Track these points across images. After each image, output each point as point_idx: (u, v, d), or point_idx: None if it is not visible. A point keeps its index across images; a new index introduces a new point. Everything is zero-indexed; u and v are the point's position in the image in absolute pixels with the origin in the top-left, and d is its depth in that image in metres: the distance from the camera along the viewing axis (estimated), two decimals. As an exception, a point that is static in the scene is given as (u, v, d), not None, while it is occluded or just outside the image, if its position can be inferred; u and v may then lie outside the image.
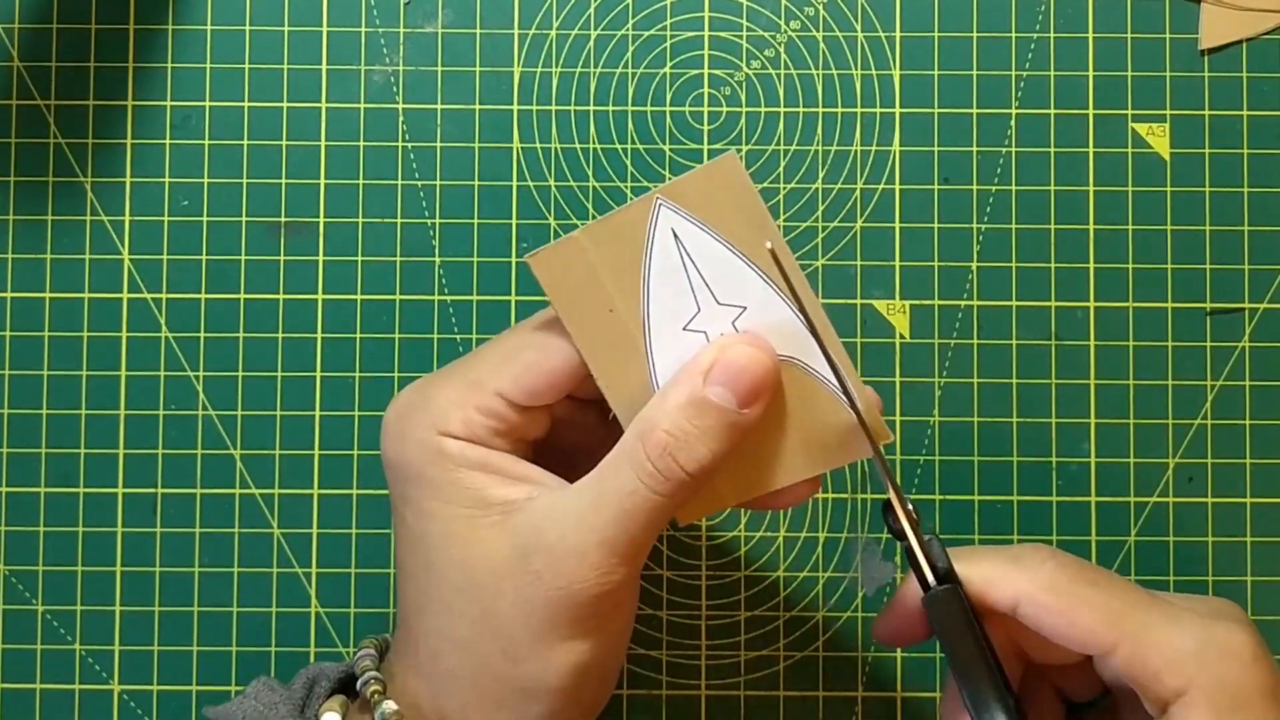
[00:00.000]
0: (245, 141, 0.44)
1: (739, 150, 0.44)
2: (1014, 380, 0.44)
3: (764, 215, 0.33)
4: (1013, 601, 0.34)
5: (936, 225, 0.44)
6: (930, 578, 0.34)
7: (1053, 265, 0.44)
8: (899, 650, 0.44)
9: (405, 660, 0.35)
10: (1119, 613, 0.33)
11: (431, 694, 0.34)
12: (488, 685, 0.33)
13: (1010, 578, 0.34)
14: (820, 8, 0.45)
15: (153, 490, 0.44)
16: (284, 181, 0.44)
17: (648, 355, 0.34)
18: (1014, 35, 0.44)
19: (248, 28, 0.45)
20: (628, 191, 0.44)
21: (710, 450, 0.32)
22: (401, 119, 0.44)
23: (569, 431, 0.36)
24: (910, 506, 0.34)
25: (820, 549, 0.44)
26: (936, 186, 0.44)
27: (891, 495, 0.34)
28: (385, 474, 0.35)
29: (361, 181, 0.44)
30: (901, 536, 0.34)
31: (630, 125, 0.44)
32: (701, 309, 0.34)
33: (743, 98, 0.45)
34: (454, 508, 0.33)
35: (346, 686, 0.38)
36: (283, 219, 0.44)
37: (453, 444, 0.33)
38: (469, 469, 0.33)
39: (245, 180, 0.44)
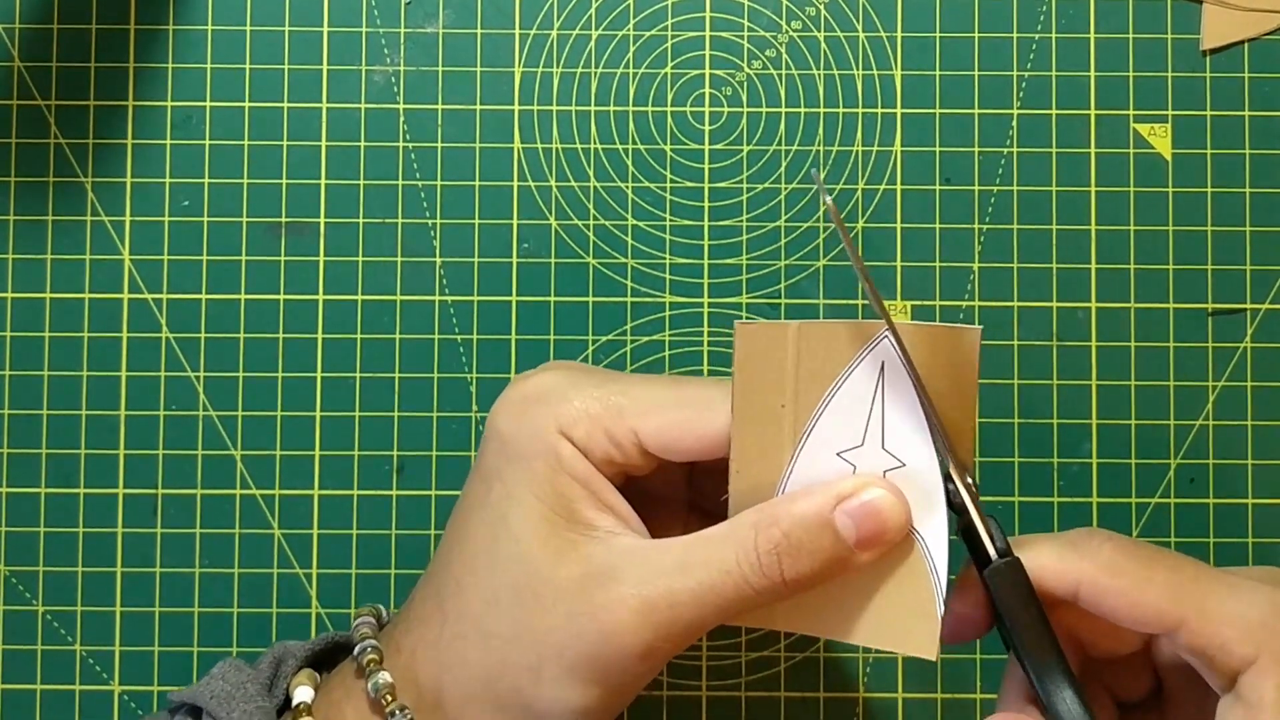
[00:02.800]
0: (246, 142, 0.44)
1: (740, 151, 0.44)
2: (1015, 381, 0.44)
3: (973, 398, 0.33)
4: (1073, 586, 0.33)
5: (938, 226, 0.44)
6: (992, 552, 0.33)
7: (1054, 266, 0.44)
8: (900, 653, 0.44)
9: (421, 632, 0.35)
10: (1182, 588, 0.33)
11: (437, 674, 0.34)
12: (499, 690, 0.33)
13: (1069, 562, 0.33)
14: (821, 8, 0.45)
15: (153, 491, 0.44)
16: (284, 182, 0.44)
17: (790, 460, 0.33)
18: (1015, 36, 0.44)
19: (248, 28, 0.45)
20: (628, 192, 0.44)
21: (811, 570, 0.32)
22: (402, 119, 0.44)
23: (655, 474, 0.36)
24: (970, 479, 0.33)
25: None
26: (938, 187, 0.44)
27: (952, 468, 0.33)
28: (485, 439, 0.35)
29: (362, 182, 0.44)
30: (962, 511, 0.33)
31: (631, 125, 0.44)
32: (865, 444, 0.33)
33: (744, 98, 0.45)
34: (543, 506, 0.33)
35: (316, 663, 0.37)
36: (283, 219, 0.44)
37: (568, 447, 0.33)
38: (574, 477, 0.33)
39: (246, 180, 0.44)
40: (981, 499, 0.43)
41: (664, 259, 0.44)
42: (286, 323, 0.44)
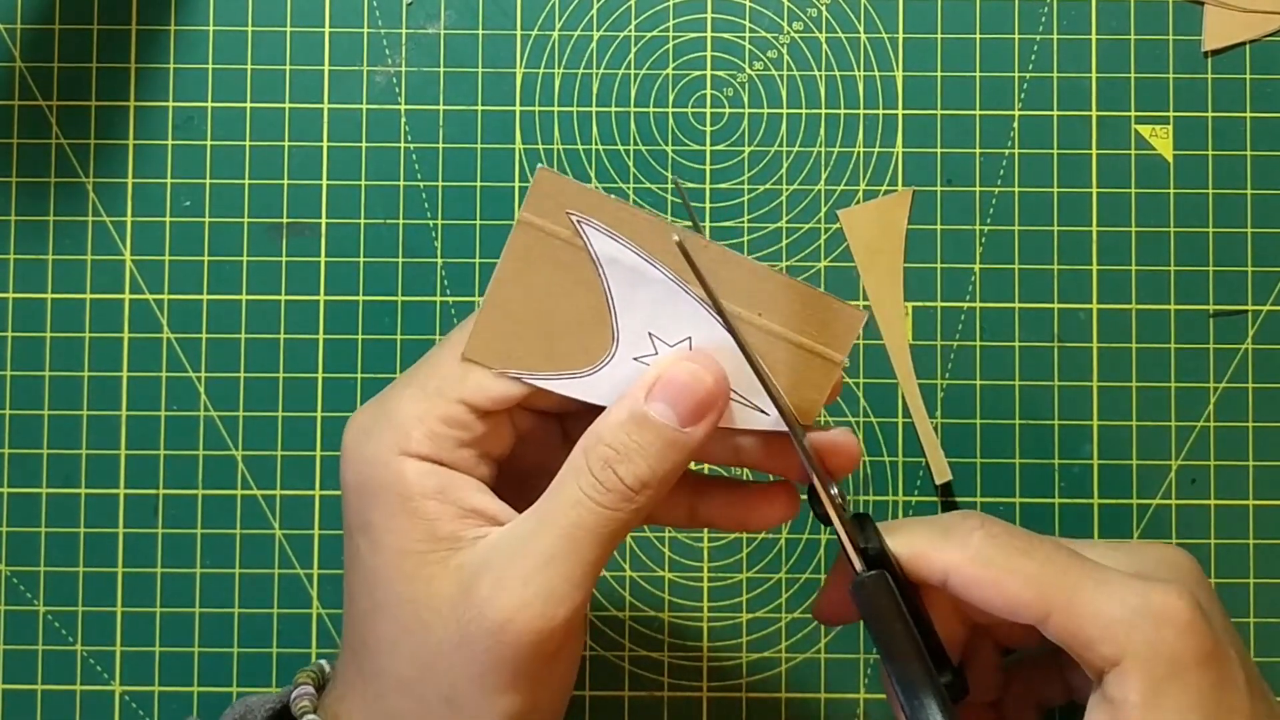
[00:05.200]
0: (247, 142, 0.44)
1: (741, 152, 0.44)
2: (1016, 382, 0.44)
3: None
4: (942, 575, 0.33)
5: (939, 227, 0.44)
6: (857, 564, 0.33)
7: (1056, 267, 0.44)
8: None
9: (349, 700, 0.34)
10: (1049, 581, 0.32)
11: None
12: None
13: (938, 551, 0.33)
14: (823, 9, 0.45)
15: (154, 491, 0.44)
16: (286, 182, 0.44)
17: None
18: (1017, 37, 0.44)
19: (250, 28, 0.45)
20: (629, 193, 0.44)
21: (650, 466, 0.32)
22: (404, 120, 0.44)
23: (532, 450, 0.35)
24: (835, 491, 0.33)
25: (823, 551, 0.44)
26: (939, 188, 0.44)
27: (815, 481, 0.33)
28: (343, 499, 0.34)
29: (363, 182, 0.44)
30: (827, 521, 0.33)
31: (632, 126, 0.44)
32: (658, 351, 0.33)
33: (745, 99, 0.45)
34: (407, 541, 0.32)
35: (280, 717, 0.37)
36: (284, 220, 0.44)
37: (412, 467, 0.32)
38: (426, 497, 0.32)
39: (247, 181, 0.44)
40: (982, 500, 0.44)
41: (665, 260, 0.44)
42: (288, 323, 0.44)
